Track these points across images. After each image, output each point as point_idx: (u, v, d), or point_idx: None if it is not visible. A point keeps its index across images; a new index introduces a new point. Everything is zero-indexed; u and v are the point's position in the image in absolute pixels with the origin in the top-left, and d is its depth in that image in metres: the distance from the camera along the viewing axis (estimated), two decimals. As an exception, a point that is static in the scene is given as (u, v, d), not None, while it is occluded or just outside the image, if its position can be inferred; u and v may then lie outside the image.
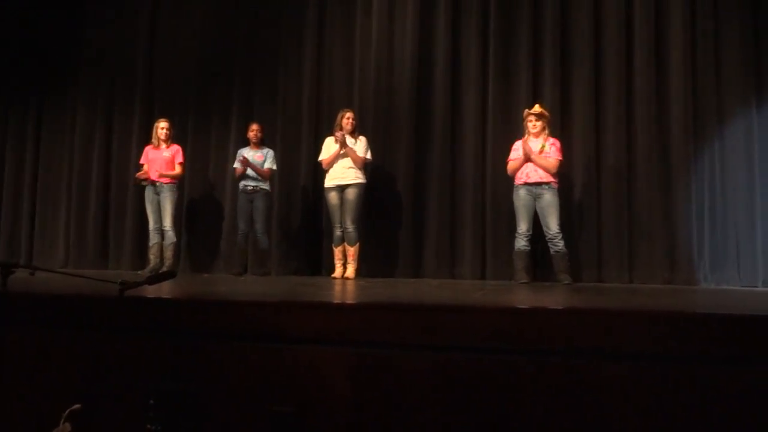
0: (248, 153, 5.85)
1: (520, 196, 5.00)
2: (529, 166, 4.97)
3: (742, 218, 5.15)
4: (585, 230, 5.45)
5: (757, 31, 5.25)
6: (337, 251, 5.42)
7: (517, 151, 5.08)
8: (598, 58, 5.57)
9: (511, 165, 5.09)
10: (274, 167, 5.91)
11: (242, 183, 5.80)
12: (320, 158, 5.56)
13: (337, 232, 5.41)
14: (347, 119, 5.45)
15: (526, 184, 4.97)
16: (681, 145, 5.32)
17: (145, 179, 5.85)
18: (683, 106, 5.33)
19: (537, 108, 5.10)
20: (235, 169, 5.88)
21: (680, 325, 1.73)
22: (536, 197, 4.96)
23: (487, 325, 1.83)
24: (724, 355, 1.67)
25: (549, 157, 4.95)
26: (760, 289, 4.90)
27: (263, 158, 5.83)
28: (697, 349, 1.69)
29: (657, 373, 1.68)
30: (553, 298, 3.15)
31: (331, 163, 5.43)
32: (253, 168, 5.75)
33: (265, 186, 5.81)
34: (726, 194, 5.21)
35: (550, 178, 4.95)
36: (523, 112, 5.24)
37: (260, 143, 5.91)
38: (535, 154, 4.93)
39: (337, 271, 5.38)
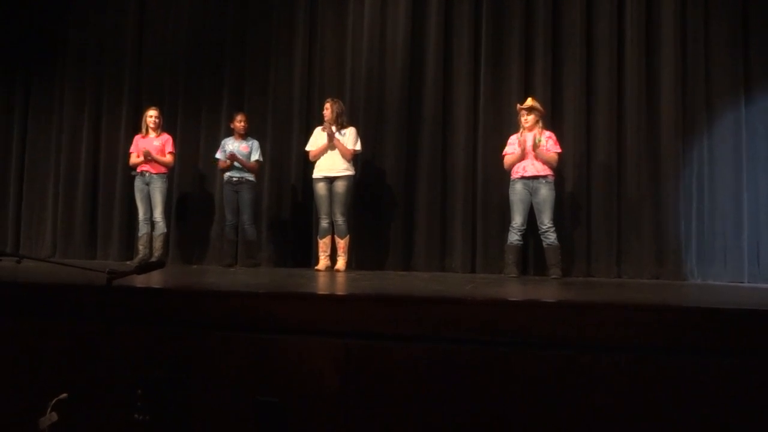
0: (233, 144, 5.80)
1: (517, 190, 4.98)
2: (526, 160, 4.95)
3: (729, 215, 5.20)
4: (575, 225, 5.48)
5: (746, 29, 5.29)
6: (322, 243, 5.38)
7: (512, 145, 5.05)
8: (590, 53, 5.57)
9: (507, 159, 5.06)
10: (261, 159, 5.89)
11: (227, 174, 5.75)
12: (307, 147, 5.54)
13: (324, 224, 5.37)
14: (325, 109, 5.42)
15: (522, 178, 4.95)
16: (670, 142, 5.34)
17: (135, 170, 5.82)
18: (673, 103, 5.35)
19: (528, 102, 5.07)
20: (217, 160, 5.84)
21: (664, 317, 1.75)
22: (533, 191, 4.94)
23: (476, 318, 1.84)
24: (707, 346, 1.69)
25: (548, 150, 4.93)
26: (745, 284, 4.96)
27: (248, 149, 5.79)
28: (680, 340, 1.71)
29: (642, 364, 1.70)
30: (543, 291, 3.17)
31: (318, 155, 5.41)
32: (241, 162, 5.71)
33: (250, 177, 5.77)
34: (714, 191, 5.26)
35: (547, 172, 4.93)
36: (514, 104, 5.24)
37: (245, 134, 5.87)
38: (538, 149, 4.85)
39: (321, 263, 5.34)
